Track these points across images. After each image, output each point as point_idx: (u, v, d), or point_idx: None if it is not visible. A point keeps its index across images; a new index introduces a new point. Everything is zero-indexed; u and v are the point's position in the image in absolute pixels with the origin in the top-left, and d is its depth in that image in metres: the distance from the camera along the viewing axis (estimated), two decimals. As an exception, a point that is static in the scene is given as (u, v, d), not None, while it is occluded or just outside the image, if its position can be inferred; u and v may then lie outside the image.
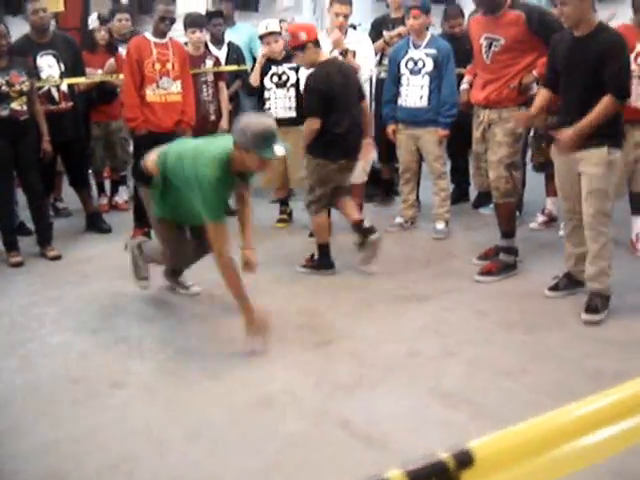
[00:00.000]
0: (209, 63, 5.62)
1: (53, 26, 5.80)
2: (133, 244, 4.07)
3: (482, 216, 5.43)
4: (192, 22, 5.49)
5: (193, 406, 2.89)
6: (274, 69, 5.23)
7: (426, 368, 3.16)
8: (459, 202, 5.79)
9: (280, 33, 5.26)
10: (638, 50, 4.17)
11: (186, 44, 5.44)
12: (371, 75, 5.38)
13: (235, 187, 3.50)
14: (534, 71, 4.04)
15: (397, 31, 5.44)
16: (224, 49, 6.08)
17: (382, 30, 5.61)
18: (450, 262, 4.58)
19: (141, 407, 2.90)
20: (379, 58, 5.56)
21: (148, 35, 4.91)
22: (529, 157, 5.06)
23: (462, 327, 3.59)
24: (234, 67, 5.93)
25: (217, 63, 5.68)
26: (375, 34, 5.61)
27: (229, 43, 6.16)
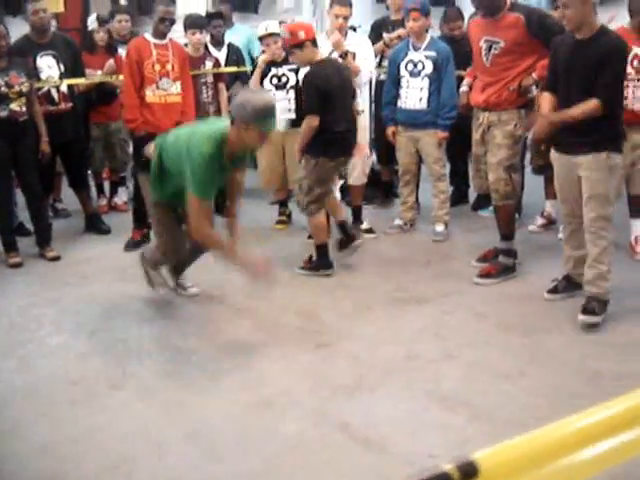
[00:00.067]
0: (209, 64, 5.62)
1: (54, 27, 5.81)
2: (140, 261, 4.04)
3: (481, 218, 5.43)
4: (192, 23, 5.49)
5: (192, 407, 2.89)
6: (274, 71, 5.22)
7: (425, 371, 3.16)
8: (458, 204, 5.79)
9: (280, 34, 5.26)
10: (635, 53, 4.18)
11: (186, 45, 5.44)
12: (371, 77, 5.38)
13: (227, 172, 3.49)
14: (533, 74, 4.04)
15: (397, 33, 5.43)
16: (224, 50, 6.08)
17: (382, 32, 5.60)
18: (449, 264, 4.58)
19: (140, 408, 2.90)
20: (379, 60, 5.56)
21: (148, 36, 4.90)
22: (528, 160, 5.07)
23: (461, 329, 3.59)
24: (234, 68, 5.93)
25: (217, 64, 5.68)
26: (375, 36, 5.61)
27: (229, 44, 6.16)
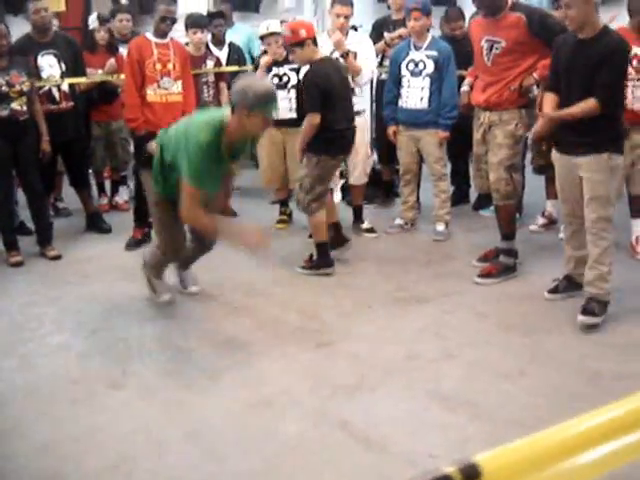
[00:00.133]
0: (210, 64, 5.62)
1: (55, 26, 5.81)
2: (142, 269, 3.99)
3: (482, 218, 5.43)
4: (193, 23, 5.50)
5: (192, 407, 2.90)
6: (275, 70, 5.22)
7: (425, 370, 3.16)
8: (459, 204, 5.78)
9: (281, 34, 5.26)
10: (635, 53, 4.17)
11: (187, 44, 5.44)
12: (372, 77, 5.38)
13: (225, 165, 3.48)
14: (535, 73, 4.04)
15: (398, 33, 5.44)
16: (225, 50, 6.09)
17: (383, 31, 5.61)
18: (450, 264, 4.58)
19: (140, 407, 2.90)
20: (380, 59, 5.56)
21: (149, 35, 4.90)
22: (529, 159, 5.06)
23: (462, 329, 3.59)
24: (235, 68, 5.93)
25: (218, 64, 5.69)
26: (376, 35, 5.61)
27: (230, 44, 6.17)
